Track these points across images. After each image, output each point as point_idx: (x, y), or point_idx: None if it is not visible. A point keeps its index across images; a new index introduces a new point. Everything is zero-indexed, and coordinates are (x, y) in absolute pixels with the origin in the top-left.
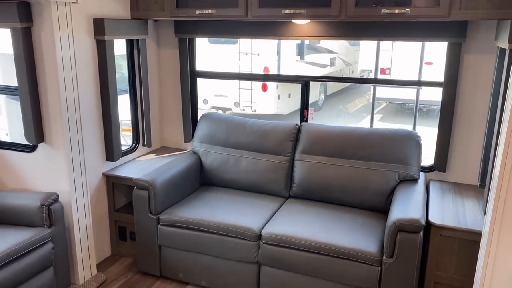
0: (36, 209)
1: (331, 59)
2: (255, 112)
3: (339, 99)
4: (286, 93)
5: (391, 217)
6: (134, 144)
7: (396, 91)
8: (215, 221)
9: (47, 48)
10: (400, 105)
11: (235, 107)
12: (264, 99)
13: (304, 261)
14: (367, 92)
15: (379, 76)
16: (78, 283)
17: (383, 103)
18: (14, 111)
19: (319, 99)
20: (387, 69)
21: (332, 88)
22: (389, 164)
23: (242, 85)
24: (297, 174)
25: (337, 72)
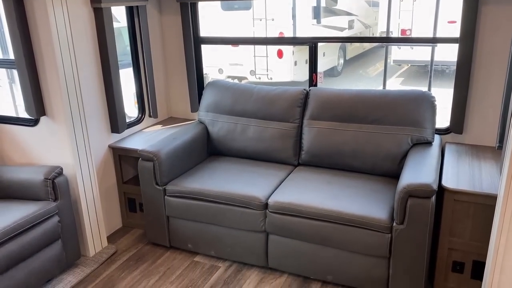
0: (40, 183)
1: (350, 21)
2: (271, 80)
3: (359, 64)
4: (303, 59)
5: (401, 182)
6: (140, 115)
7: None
8: (221, 191)
9: (41, 19)
10: (422, 67)
11: (251, 75)
12: (280, 66)
13: (312, 229)
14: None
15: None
16: (88, 255)
17: (405, 65)
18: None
19: (338, 64)
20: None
21: (352, 53)
22: (402, 127)
23: (257, 53)
24: (305, 141)
25: (356, 35)
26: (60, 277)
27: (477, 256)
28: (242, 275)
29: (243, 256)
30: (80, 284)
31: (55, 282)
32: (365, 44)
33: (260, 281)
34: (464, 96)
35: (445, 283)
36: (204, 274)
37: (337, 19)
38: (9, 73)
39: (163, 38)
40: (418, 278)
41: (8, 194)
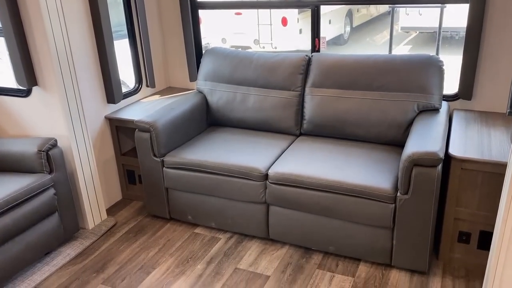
0: (34, 155)
1: None
2: (275, 49)
3: (366, 32)
4: (308, 27)
5: (406, 150)
6: (137, 85)
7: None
8: (221, 162)
9: None
10: (431, 34)
11: (255, 44)
12: (284, 35)
13: (313, 200)
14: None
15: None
16: (87, 227)
17: (413, 33)
18: None
19: (344, 32)
20: None
21: (359, 20)
22: (408, 94)
23: (261, 21)
24: (307, 109)
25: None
26: (59, 249)
27: (484, 226)
28: (242, 247)
29: (243, 228)
30: (79, 256)
31: (54, 255)
32: (372, 11)
33: (261, 253)
34: (474, 60)
35: (450, 253)
36: (204, 245)
37: None
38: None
39: (159, 5)
40: (422, 249)
41: (3, 167)
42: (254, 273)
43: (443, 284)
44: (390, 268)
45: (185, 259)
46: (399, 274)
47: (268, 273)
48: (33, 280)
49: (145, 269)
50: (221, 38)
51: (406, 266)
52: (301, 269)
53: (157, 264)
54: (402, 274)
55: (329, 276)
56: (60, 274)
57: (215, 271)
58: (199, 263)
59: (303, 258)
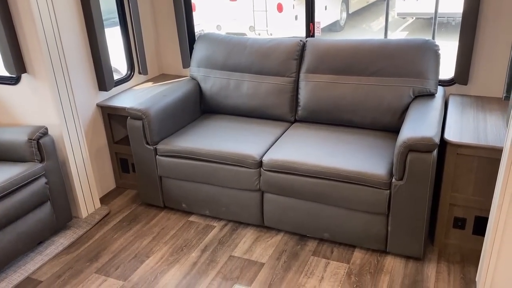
0: (24, 143)
1: None
2: (271, 36)
3: (362, 18)
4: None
5: (401, 136)
6: (129, 72)
7: (423, 4)
8: (214, 149)
9: None
10: (428, 20)
11: (250, 31)
12: (280, 21)
13: (308, 187)
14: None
15: None
16: (81, 216)
17: (409, 19)
18: None
19: (340, 18)
20: None
21: (355, 6)
22: (403, 79)
23: (256, 7)
24: (302, 96)
25: None
26: (52, 239)
27: (480, 212)
28: (237, 234)
29: (238, 215)
30: (72, 245)
31: (47, 244)
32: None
33: (255, 240)
34: (470, 45)
35: (446, 239)
36: (199, 233)
37: None
38: None
39: None
40: (418, 235)
41: None
42: (249, 260)
43: (438, 269)
44: (385, 254)
45: (179, 247)
46: (394, 260)
47: (263, 261)
48: (25, 269)
49: (139, 257)
50: (216, 25)
51: (401, 252)
52: (296, 256)
53: (151, 253)
54: (397, 260)
55: (324, 262)
56: (53, 263)
57: (209, 259)
58: (194, 251)
59: (298, 245)
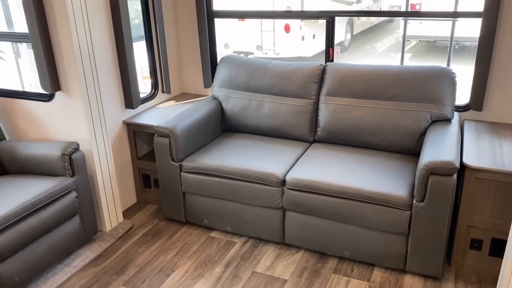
0: (57, 158)
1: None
2: (278, 56)
3: (366, 39)
4: (310, 34)
5: (422, 159)
6: (153, 91)
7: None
8: (238, 167)
9: None
10: (430, 43)
11: (257, 50)
12: (287, 41)
13: (330, 206)
14: (396, 31)
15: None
16: (105, 230)
17: (413, 41)
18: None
19: (345, 39)
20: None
21: (359, 27)
22: (421, 104)
23: (264, 27)
24: (322, 117)
25: (364, 9)
26: (78, 251)
27: (496, 234)
28: (258, 251)
29: (259, 232)
30: (98, 258)
31: (74, 256)
32: (372, 19)
33: (277, 257)
34: (485, 72)
35: (462, 259)
36: (221, 249)
37: None
38: (14, 47)
39: (176, 12)
40: (436, 255)
41: (25, 169)
42: (271, 276)
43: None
44: (404, 273)
45: (203, 262)
46: (413, 279)
47: (285, 277)
48: (54, 281)
49: (164, 271)
50: (224, 43)
51: (420, 271)
52: (317, 273)
53: (176, 267)
54: (416, 279)
55: (345, 280)
56: (81, 275)
57: (233, 274)
58: (217, 266)
59: (318, 263)
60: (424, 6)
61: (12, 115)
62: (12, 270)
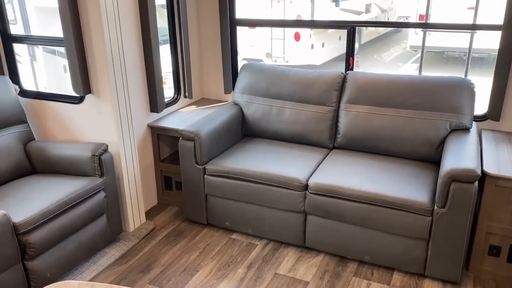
0: (88, 159)
1: (367, 5)
2: (287, 63)
3: (373, 49)
4: (319, 42)
5: (444, 167)
6: (176, 95)
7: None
8: (261, 171)
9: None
10: (438, 53)
11: (267, 58)
12: (297, 49)
13: (352, 211)
14: (403, 41)
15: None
16: (128, 230)
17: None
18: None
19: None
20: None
21: (366, 37)
22: (440, 113)
23: (274, 35)
24: (342, 124)
25: (372, 19)
26: (104, 250)
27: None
28: (279, 253)
29: (280, 235)
30: (123, 257)
31: (100, 255)
32: (380, 28)
33: (298, 259)
34: (504, 83)
35: (480, 266)
36: (242, 251)
37: (354, 3)
38: (30, 50)
39: (199, 19)
40: (456, 261)
41: (55, 169)
42: (293, 278)
43: None
44: (423, 277)
45: (225, 263)
46: (432, 284)
47: (307, 279)
48: (82, 278)
49: (188, 271)
50: None
51: (439, 276)
52: (338, 276)
53: (200, 267)
54: (435, 283)
55: (366, 283)
56: (107, 273)
57: (256, 276)
58: (240, 267)
59: (339, 266)
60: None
61: (41, 116)
62: (44, 265)
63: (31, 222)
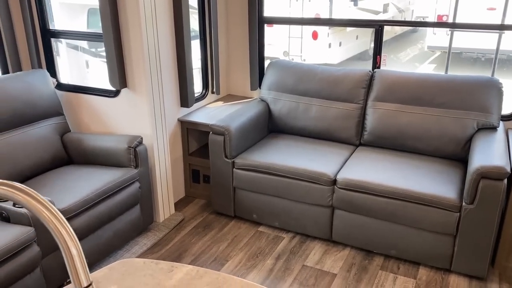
0: (124, 150)
1: (384, 5)
2: (304, 62)
3: (390, 49)
4: (337, 41)
5: (473, 164)
6: (204, 91)
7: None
8: (290, 166)
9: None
10: (456, 55)
11: (284, 56)
12: (314, 48)
13: (380, 206)
14: (420, 41)
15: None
16: (159, 220)
17: (437, 52)
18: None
19: (369, 48)
20: (444, 15)
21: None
22: (468, 112)
23: (292, 34)
24: (369, 121)
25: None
26: (136, 239)
27: None
28: (306, 246)
29: (307, 229)
30: (154, 247)
31: (132, 244)
32: (397, 28)
33: (324, 253)
34: None
35: (506, 262)
36: (270, 243)
37: (372, 2)
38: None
39: (227, 16)
40: (483, 257)
41: (91, 160)
42: (321, 270)
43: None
44: (449, 272)
45: (254, 254)
46: (458, 279)
47: (335, 272)
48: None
49: (219, 260)
50: None
51: (465, 271)
52: (365, 269)
53: (229, 257)
54: (461, 278)
55: (392, 277)
56: None
57: (284, 267)
58: (268, 258)
59: (365, 260)
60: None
61: (77, 109)
62: (83, 251)
63: (73, 209)
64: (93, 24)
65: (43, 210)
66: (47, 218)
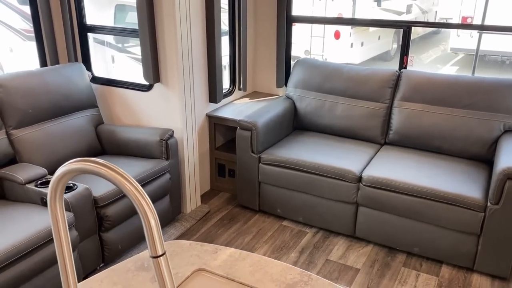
0: (156, 143)
1: (408, 6)
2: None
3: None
4: (359, 41)
5: (499, 165)
6: (231, 87)
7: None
8: (316, 162)
9: None
10: (480, 57)
11: (305, 55)
12: (336, 47)
13: (405, 204)
14: (442, 42)
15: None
16: (186, 211)
17: (460, 54)
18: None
19: (391, 48)
20: (469, 17)
21: None
22: (494, 114)
23: (314, 33)
24: (394, 121)
25: (413, 19)
26: (164, 229)
27: None
28: (330, 241)
29: (330, 224)
30: (182, 236)
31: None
32: (419, 29)
33: (347, 248)
34: None
35: None
36: (293, 237)
37: (396, 3)
38: None
39: (256, 14)
40: (506, 256)
41: (124, 151)
42: (344, 265)
43: None
44: (472, 271)
45: (278, 247)
46: (480, 278)
47: (358, 266)
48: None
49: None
50: None
51: (488, 271)
52: (387, 265)
53: (254, 249)
54: (484, 278)
55: (415, 274)
56: None
57: (308, 260)
58: (292, 251)
59: (388, 256)
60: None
61: (110, 101)
62: (117, 238)
63: (109, 197)
64: (119, 20)
65: (126, 183)
66: (130, 190)
